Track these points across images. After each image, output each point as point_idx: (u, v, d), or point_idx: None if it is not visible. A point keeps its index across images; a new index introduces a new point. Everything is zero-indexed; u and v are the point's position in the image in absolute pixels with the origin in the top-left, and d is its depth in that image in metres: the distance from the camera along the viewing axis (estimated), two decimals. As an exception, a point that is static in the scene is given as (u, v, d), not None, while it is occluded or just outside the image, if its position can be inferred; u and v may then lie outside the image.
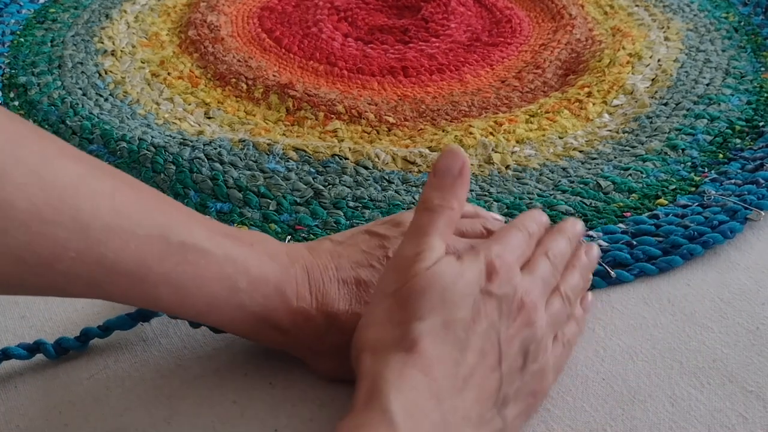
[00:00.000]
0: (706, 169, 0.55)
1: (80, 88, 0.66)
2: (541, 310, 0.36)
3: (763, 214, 0.50)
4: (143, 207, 0.35)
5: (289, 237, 0.50)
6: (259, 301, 0.37)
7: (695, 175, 0.55)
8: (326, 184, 0.54)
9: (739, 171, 0.54)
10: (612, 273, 0.46)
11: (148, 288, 0.35)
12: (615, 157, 0.57)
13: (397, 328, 0.33)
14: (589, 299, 0.42)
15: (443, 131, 0.61)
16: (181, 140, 0.58)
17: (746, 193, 0.51)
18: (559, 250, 0.39)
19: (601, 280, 0.46)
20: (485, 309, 0.34)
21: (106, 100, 0.65)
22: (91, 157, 0.36)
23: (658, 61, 0.69)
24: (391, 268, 0.35)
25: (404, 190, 0.54)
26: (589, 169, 0.56)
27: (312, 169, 0.56)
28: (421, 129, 0.62)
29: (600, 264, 0.46)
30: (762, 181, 0.52)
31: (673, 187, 0.53)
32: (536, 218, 0.41)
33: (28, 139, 0.33)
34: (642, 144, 0.58)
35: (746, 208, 0.49)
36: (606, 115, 0.62)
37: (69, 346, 0.42)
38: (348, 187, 0.54)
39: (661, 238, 0.48)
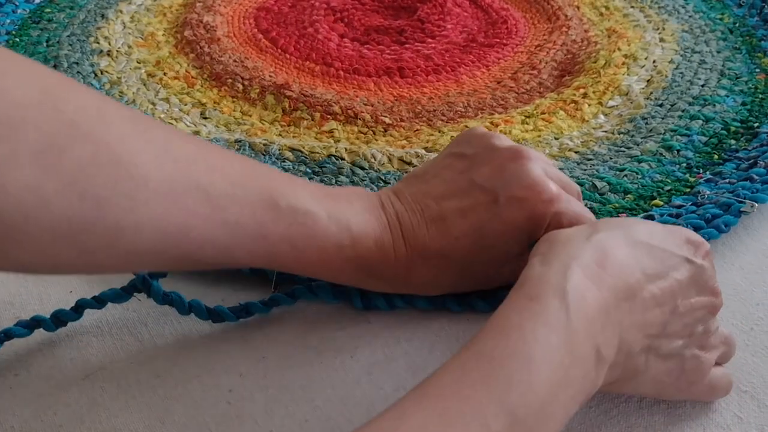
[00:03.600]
0: (701, 170, 0.55)
1: (76, 89, 0.66)
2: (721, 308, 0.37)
3: (756, 206, 0.50)
4: (251, 177, 0.38)
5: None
6: (363, 254, 0.40)
7: (690, 176, 0.55)
8: (322, 184, 0.54)
9: (734, 171, 0.54)
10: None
11: (269, 247, 0.38)
12: (610, 158, 0.57)
13: (586, 230, 0.35)
14: None
15: (439, 132, 0.61)
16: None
17: (740, 189, 0.51)
18: None
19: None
20: (680, 269, 0.35)
21: (101, 100, 0.65)
22: (196, 137, 0.41)
23: (654, 62, 0.69)
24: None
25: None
26: (585, 170, 0.56)
27: (308, 170, 0.56)
28: (417, 130, 0.62)
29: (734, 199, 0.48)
30: (755, 177, 0.53)
31: (669, 187, 0.53)
32: None
33: (151, 125, 0.37)
34: (637, 145, 0.58)
35: (739, 201, 0.50)
36: (601, 116, 0.62)
37: (66, 318, 0.43)
38: (344, 187, 0.54)
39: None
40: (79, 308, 0.43)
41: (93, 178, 0.32)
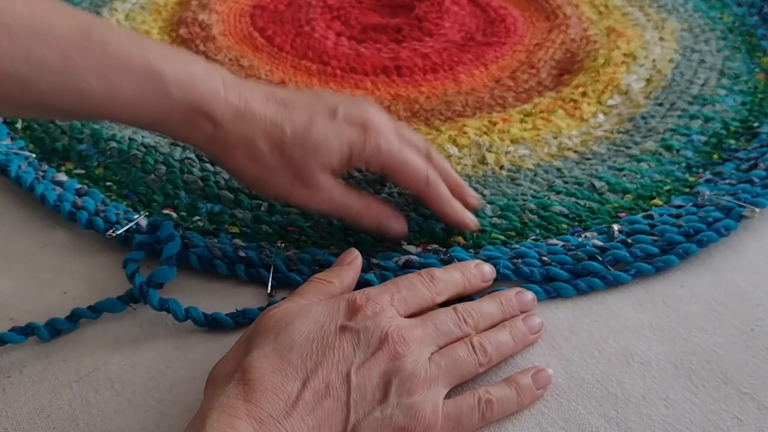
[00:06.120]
0: (701, 170, 0.55)
1: (71, 87, 0.65)
2: (412, 345, 0.36)
3: (758, 210, 0.49)
4: (61, 11, 0.38)
5: (280, 241, 0.49)
6: (187, 89, 0.39)
7: (690, 175, 0.54)
8: None
9: (734, 171, 0.54)
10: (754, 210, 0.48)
11: (77, 81, 0.37)
12: (609, 158, 0.57)
13: (236, 361, 0.35)
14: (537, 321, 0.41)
15: (437, 131, 0.61)
16: (172, 140, 0.58)
17: (740, 192, 0.51)
18: (473, 306, 0.40)
19: (600, 281, 0.45)
20: (338, 342, 0.35)
21: (96, 99, 0.64)
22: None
23: (653, 61, 0.69)
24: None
25: (397, 192, 0.53)
26: (584, 169, 0.55)
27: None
28: (414, 129, 0.61)
29: (735, 203, 0.47)
30: (756, 179, 0.52)
31: (668, 187, 0.53)
32: (469, 269, 0.43)
33: None
34: (637, 144, 0.58)
35: (740, 206, 0.49)
36: (601, 115, 0.62)
37: (60, 327, 0.43)
38: (341, 187, 0.54)
39: (656, 238, 0.48)
40: (74, 317, 0.43)
41: None
